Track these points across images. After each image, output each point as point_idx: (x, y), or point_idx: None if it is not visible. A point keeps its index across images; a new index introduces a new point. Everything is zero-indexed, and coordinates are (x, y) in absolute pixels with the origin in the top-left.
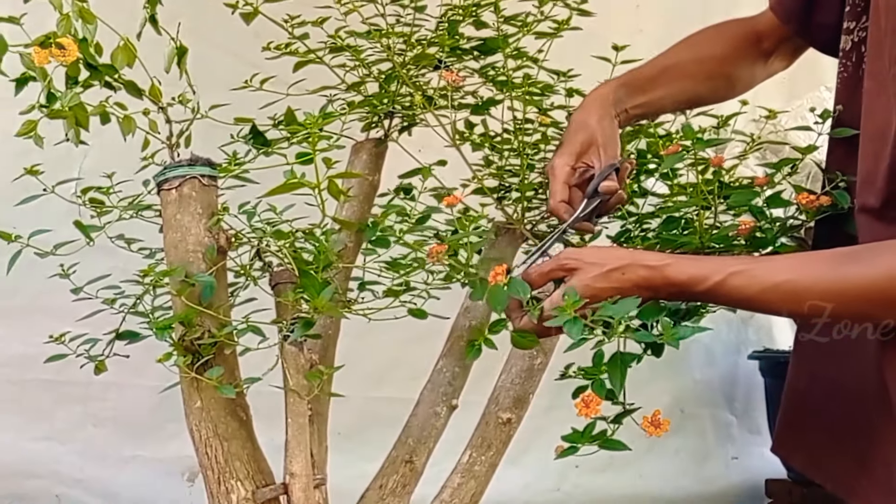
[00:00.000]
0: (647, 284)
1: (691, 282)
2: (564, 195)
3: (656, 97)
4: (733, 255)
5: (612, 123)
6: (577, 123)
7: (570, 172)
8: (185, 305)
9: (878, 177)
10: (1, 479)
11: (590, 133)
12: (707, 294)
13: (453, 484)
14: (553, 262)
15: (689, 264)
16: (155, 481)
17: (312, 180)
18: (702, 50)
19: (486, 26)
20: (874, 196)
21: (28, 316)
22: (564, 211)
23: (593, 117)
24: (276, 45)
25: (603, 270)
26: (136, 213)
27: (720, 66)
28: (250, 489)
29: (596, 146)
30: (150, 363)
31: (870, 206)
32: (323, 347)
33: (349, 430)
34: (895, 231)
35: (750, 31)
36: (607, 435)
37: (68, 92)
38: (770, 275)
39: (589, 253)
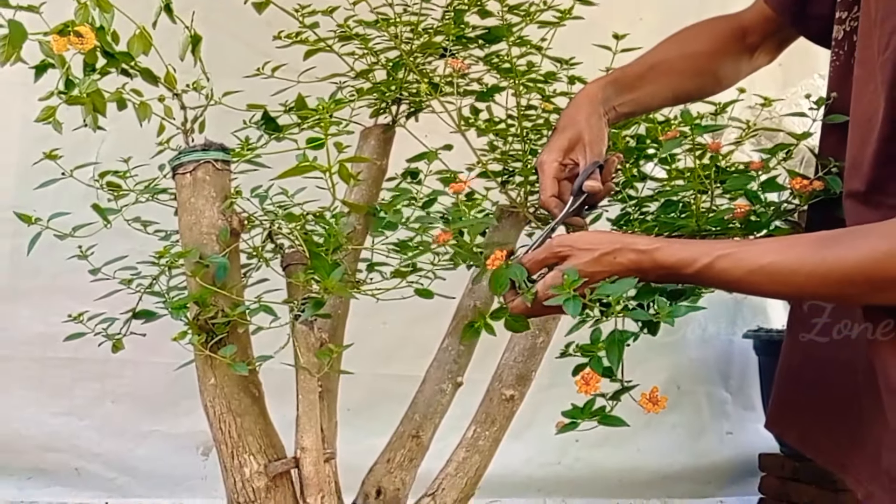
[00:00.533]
0: (637, 267)
1: (680, 265)
2: (554, 190)
3: (644, 94)
4: (728, 238)
5: (599, 121)
6: (566, 120)
7: (559, 168)
8: (199, 286)
9: (864, 162)
10: (22, 453)
11: (577, 130)
12: (695, 276)
13: (458, 458)
14: (546, 250)
15: (678, 248)
16: (170, 455)
17: (323, 164)
18: (688, 46)
19: (491, 15)
20: (860, 181)
21: (48, 296)
22: (555, 206)
23: (581, 115)
24: (287, 34)
25: (594, 255)
26: (151, 196)
27: (707, 62)
28: (262, 463)
29: (582, 144)
30: (165, 341)
31: (856, 191)
32: (332, 326)
33: (358, 406)
34: (880, 215)
35: (736, 27)
36: (606, 411)
37: (86, 79)
38: (755, 257)
39: (580, 239)
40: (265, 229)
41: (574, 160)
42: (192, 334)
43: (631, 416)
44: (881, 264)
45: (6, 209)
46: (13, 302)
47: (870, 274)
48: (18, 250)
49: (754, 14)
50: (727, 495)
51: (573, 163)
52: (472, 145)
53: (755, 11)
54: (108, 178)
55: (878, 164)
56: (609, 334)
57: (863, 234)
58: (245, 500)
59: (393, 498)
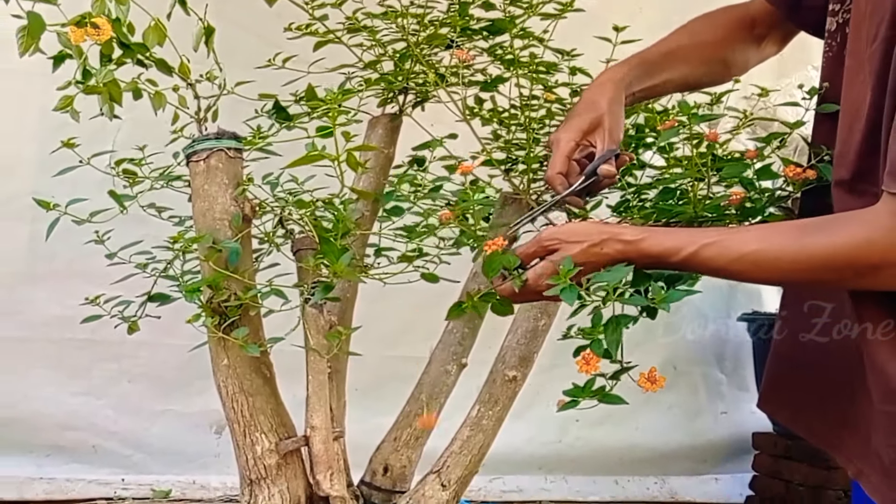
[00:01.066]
0: (624, 258)
1: (666, 254)
2: (563, 168)
3: (660, 81)
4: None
5: (620, 108)
6: (588, 102)
7: (573, 147)
8: (212, 270)
9: (850, 151)
10: (42, 431)
11: (599, 114)
12: (681, 264)
13: (463, 436)
14: (534, 244)
15: (664, 238)
16: (184, 434)
17: (332, 153)
18: (699, 35)
19: (495, 8)
20: (846, 169)
21: (66, 280)
22: (559, 183)
23: (604, 98)
24: (298, 25)
25: (583, 247)
26: (166, 183)
27: (716, 50)
28: (273, 441)
29: (602, 128)
30: (179, 324)
31: (842, 179)
32: (341, 309)
33: (366, 386)
34: (864, 203)
35: (744, 17)
36: (606, 390)
37: (103, 69)
38: (739, 245)
39: (568, 231)
40: (276, 215)
41: (591, 143)
42: (205, 317)
43: (629, 397)
44: (860, 251)
45: (25, 195)
46: (32, 285)
47: (850, 260)
48: (37, 235)
49: (759, 5)
50: (722, 472)
51: (588, 145)
52: (477, 134)
53: (759, 2)
54: (124, 165)
55: (863, 154)
56: (609, 318)
57: (843, 222)
58: (257, 476)
59: (399, 475)
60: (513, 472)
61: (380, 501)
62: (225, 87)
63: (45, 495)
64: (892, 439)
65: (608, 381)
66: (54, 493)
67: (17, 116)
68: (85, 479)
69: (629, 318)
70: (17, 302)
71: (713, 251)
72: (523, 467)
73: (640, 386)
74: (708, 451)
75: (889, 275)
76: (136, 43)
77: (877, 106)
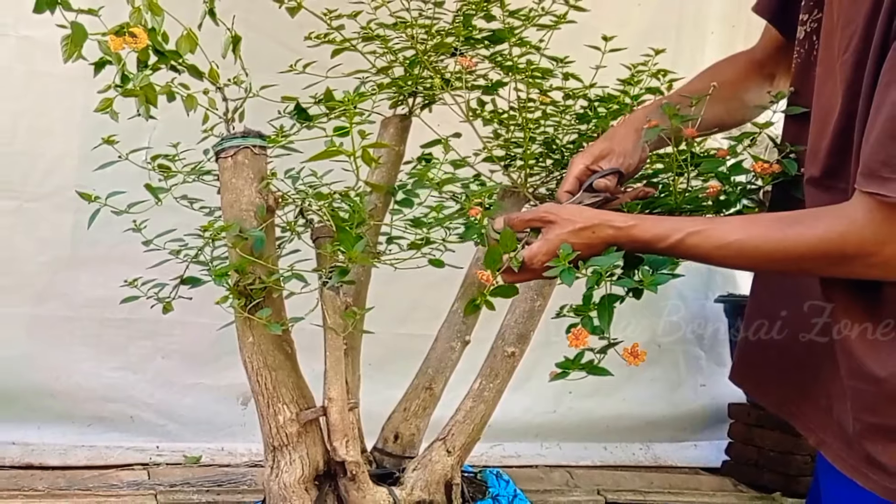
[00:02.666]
0: (614, 242)
1: (654, 240)
2: (571, 187)
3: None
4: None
5: (633, 139)
6: (608, 134)
7: (584, 171)
8: (239, 256)
9: (821, 151)
10: (84, 403)
11: (611, 143)
12: (668, 250)
13: (466, 407)
14: (533, 213)
15: (652, 225)
16: (213, 405)
17: (348, 149)
18: (715, 77)
19: (495, 19)
20: (817, 167)
21: (106, 264)
22: (564, 199)
23: (620, 132)
24: (317, 34)
25: (575, 227)
26: (197, 177)
27: (732, 90)
28: (294, 411)
29: (612, 154)
30: (209, 304)
31: (813, 177)
32: (356, 292)
33: (378, 361)
34: (832, 198)
35: (752, 59)
36: (594, 363)
37: (139, 74)
38: (723, 234)
39: (565, 209)
40: (297, 206)
41: (601, 167)
42: (232, 298)
43: (617, 371)
44: (836, 242)
45: (69, 188)
46: (75, 269)
47: (826, 250)
48: (80, 224)
49: (764, 43)
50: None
51: (599, 170)
52: (479, 133)
53: (764, 40)
54: (159, 161)
55: (832, 154)
56: (601, 298)
57: (820, 216)
58: (279, 444)
59: (409, 442)
60: (511, 440)
61: (391, 466)
62: (251, 91)
63: (86, 461)
64: (857, 412)
65: (596, 355)
66: (95, 459)
67: (62, 117)
68: (123, 446)
69: (617, 297)
70: (61, 284)
71: (698, 239)
72: (521, 435)
73: (623, 359)
74: (688, 420)
75: (860, 264)
76: (170, 50)
77: (846, 112)
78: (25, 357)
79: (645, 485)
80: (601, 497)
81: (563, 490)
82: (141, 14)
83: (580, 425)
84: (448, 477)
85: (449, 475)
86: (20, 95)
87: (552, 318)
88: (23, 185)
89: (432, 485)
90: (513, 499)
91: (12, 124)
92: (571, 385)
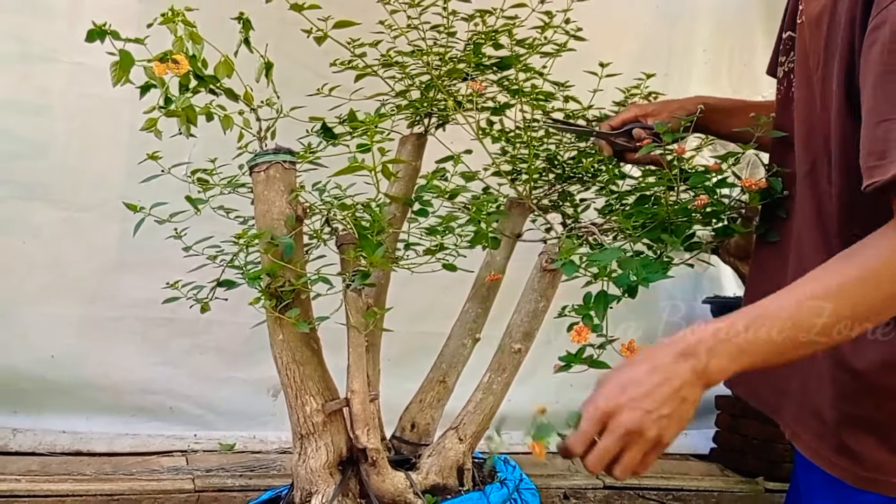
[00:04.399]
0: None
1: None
2: (616, 124)
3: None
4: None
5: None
6: (665, 101)
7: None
8: (270, 261)
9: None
10: (128, 395)
11: (664, 110)
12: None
13: (476, 399)
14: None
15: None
16: (246, 396)
17: (369, 165)
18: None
19: (503, 48)
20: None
21: (149, 269)
22: (604, 127)
23: (674, 105)
24: (342, 61)
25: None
26: (233, 189)
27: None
28: (320, 402)
29: (660, 118)
30: (243, 305)
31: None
32: (376, 293)
33: (397, 357)
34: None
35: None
36: (594, 357)
37: (181, 96)
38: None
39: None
40: (323, 216)
41: (646, 122)
42: (264, 299)
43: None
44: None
45: (116, 199)
46: (121, 273)
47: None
48: (125, 232)
49: None
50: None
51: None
52: (488, 150)
53: None
54: (198, 174)
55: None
56: (597, 294)
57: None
58: (306, 432)
59: (424, 431)
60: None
61: (408, 453)
62: (281, 111)
63: (130, 448)
64: (836, 401)
65: (596, 350)
66: (138, 446)
67: (111, 134)
68: (163, 434)
69: (614, 296)
70: (108, 287)
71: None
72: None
73: (621, 354)
74: None
75: None
76: (209, 75)
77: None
78: (76, 354)
79: None
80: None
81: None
82: (183, 42)
83: None
84: (460, 462)
85: (461, 461)
86: (73, 115)
87: (554, 318)
88: (74, 196)
89: (446, 470)
90: (519, 482)
91: (65, 141)
92: (572, 378)
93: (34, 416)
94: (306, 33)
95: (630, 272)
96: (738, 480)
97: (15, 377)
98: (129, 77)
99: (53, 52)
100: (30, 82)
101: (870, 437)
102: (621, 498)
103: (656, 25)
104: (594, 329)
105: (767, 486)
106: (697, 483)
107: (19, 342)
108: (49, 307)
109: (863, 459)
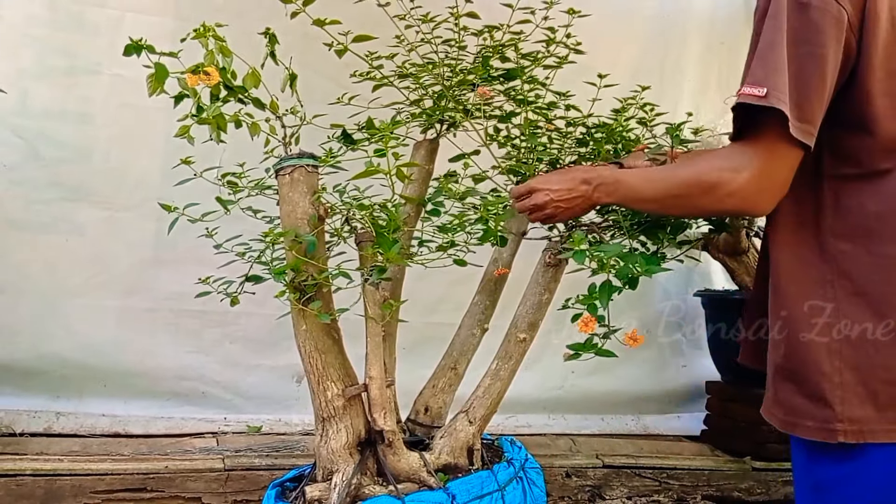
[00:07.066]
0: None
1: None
2: None
3: None
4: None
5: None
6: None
7: None
8: (295, 257)
9: None
10: (163, 381)
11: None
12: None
13: (485, 385)
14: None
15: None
16: (273, 382)
17: (386, 168)
18: None
19: (509, 60)
20: None
21: (183, 265)
22: None
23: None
24: (360, 72)
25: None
26: (260, 191)
27: None
28: (340, 388)
29: None
30: (269, 298)
31: None
32: (392, 287)
33: (411, 345)
34: None
35: None
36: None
37: (212, 105)
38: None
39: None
40: (343, 216)
41: None
42: (289, 293)
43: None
44: (708, 174)
45: (153, 200)
46: (157, 268)
47: (698, 180)
48: (161, 231)
49: None
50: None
51: None
52: (495, 155)
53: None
54: (228, 177)
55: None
56: (601, 284)
57: (710, 154)
58: (328, 415)
59: (437, 414)
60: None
61: (422, 434)
62: (305, 119)
63: (165, 430)
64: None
65: (601, 339)
66: (172, 428)
67: (147, 141)
68: (195, 417)
69: (616, 287)
70: (145, 281)
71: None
72: (531, 408)
73: (624, 343)
74: (672, 396)
75: (721, 193)
76: (238, 86)
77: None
78: (115, 342)
79: (636, 450)
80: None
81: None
82: (213, 56)
83: (582, 400)
84: (470, 444)
85: (471, 442)
86: (112, 123)
87: (558, 310)
88: (114, 197)
89: (457, 450)
90: (524, 462)
91: (106, 147)
92: (574, 365)
93: (76, 401)
94: (328, 47)
95: (632, 265)
96: (727, 460)
97: (58, 364)
98: (164, 88)
99: (97, 66)
100: (75, 93)
101: (790, 385)
102: (619, 476)
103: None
104: (598, 320)
105: (754, 465)
106: (689, 462)
107: (63, 332)
108: (91, 299)
109: (785, 406)
